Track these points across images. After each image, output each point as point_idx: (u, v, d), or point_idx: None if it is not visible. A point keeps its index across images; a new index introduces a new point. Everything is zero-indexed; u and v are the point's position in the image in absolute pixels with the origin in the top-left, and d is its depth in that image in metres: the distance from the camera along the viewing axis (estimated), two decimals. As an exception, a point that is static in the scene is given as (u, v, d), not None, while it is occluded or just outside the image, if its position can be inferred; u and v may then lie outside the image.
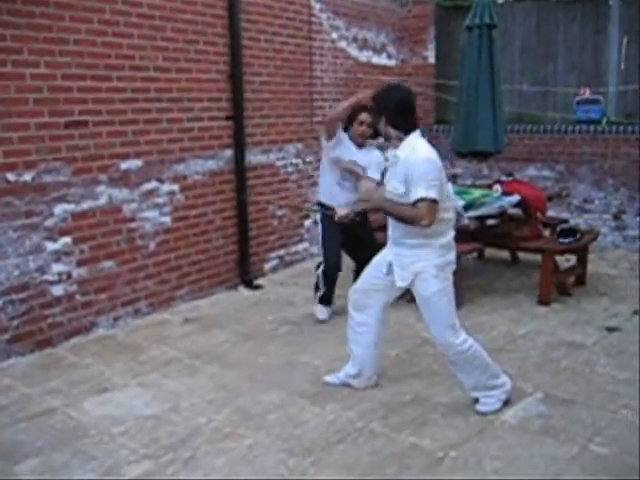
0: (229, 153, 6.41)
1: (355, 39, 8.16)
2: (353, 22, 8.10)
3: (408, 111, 3.81)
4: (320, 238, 5.50)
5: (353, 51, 8.15)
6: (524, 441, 3.61)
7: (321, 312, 5.60)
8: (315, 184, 7.69)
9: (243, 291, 6.41)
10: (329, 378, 4.39)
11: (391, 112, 3.77)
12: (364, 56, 8.35)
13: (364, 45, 8.33)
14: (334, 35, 7.80)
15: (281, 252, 7.13)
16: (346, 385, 4.29)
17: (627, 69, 8.16)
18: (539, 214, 6.45)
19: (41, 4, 4.77)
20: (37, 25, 4.77)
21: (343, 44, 7.97)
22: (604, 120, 8.04)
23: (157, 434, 3.77)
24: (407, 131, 3.77)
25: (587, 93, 8.10)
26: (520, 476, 3.28)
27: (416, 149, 3.71)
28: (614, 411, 3.92)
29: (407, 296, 6.01)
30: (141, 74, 5.54)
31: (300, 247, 7.55)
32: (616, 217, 8.04)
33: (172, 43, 5.78)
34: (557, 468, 3.34)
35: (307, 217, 7.21)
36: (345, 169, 5.31)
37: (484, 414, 3.89)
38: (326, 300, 5.63)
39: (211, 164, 6.25)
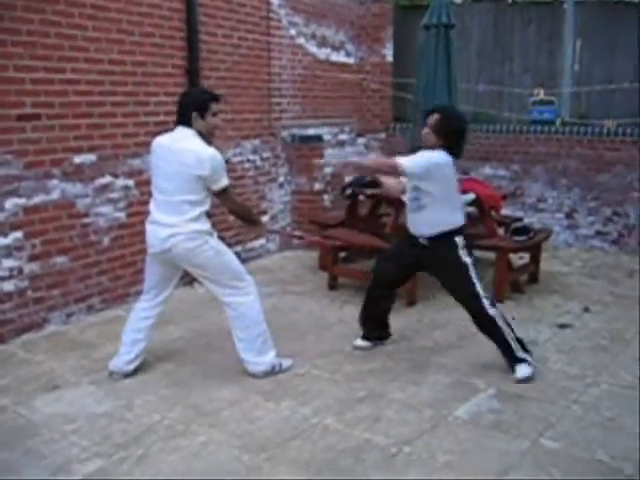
0: (185, 148, 6.34)
1: (314, 36, 8.16)
2: (312, 19, 8.10)
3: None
4: None
5: (312, 48, 8.15)
6: (476, 436, 3.66)
7: (356, 340, 5.02)
8: (272, 180, 7.69)
9: (198, 288, 6.33)
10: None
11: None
12: (323, 53, 8.36)
13: (323, 42, 8.34)
14: (292, 31, 7.79)
15: (238, 248, 7.06)
16: None
17: (581, 71, 8.32)
18: (494, 212, 6.53)
19: (-8, -7, 4.67)
20: (-12, 15, 4.67)
21: (302, 41, 7.96)
22: (558, 121, 8.18)
23: (109, 432, 3.72)
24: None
25: (541, 94, 8.23)
26: (472, 470, 3.32)
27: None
28: (565, 406, 4.00)
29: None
30: (96, 67, 5.46)
31: (257, 244, 7.53)
32: (569, 216, 8.19)
33: (128, 36, 5.70)
34: (508, 462, 3.39)
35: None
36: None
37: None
38: (362, 326, 5.00)
39: (167, 159, 6.18)
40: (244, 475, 3.31)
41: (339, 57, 8.72)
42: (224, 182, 4.14)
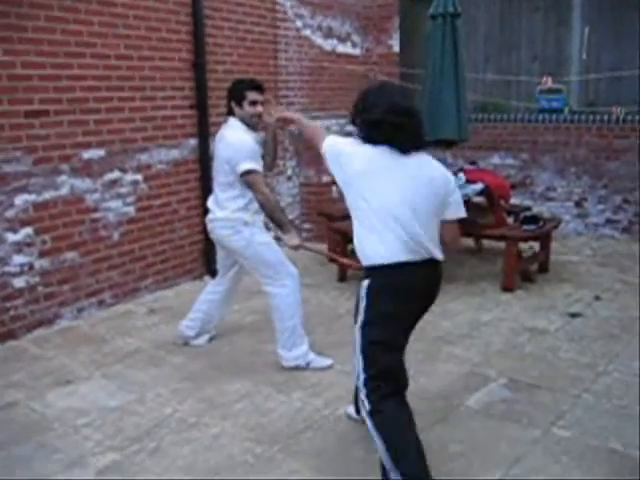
0: (193, 142, 6.36)
1: (320, 28, 8.13)
2: (317, 10, 8.07)
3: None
4: None
5: (318, 40, 8.12)
6: (488, 426, 3.66)
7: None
8: (280, 173, 7.69)
9: (209, 281, 6.36)
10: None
11: None
12: (329, 45, 8.32)
13: (329, 34, 8.30)
14: (298, 23, 7.76)
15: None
16: None
17: (589, 59, 8.26)
18: (503, 202, 6.51)
19: (-2, -10, 4.67)
20: (-6, 12, 4.67)
21: (308, 32, 7.93)
22: (566, 109, 8.13)
23: (122, 425, 3.74)
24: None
25: (549, 82, 8.18)
26: (484, 459, 3.32)
27: None
28: (576, 395, 3.99)
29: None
30: (103, 62, 5.46)
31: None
32: (578, 204, 8.16)
33: (134, 31, 5.71)
34: (520, 451, 3.39)
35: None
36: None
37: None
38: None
39: (175, 153, 6.20)
40: (257, 467, 3.32)
41: (345, 48, 8.68)
42: (246, 166, 4.18)
